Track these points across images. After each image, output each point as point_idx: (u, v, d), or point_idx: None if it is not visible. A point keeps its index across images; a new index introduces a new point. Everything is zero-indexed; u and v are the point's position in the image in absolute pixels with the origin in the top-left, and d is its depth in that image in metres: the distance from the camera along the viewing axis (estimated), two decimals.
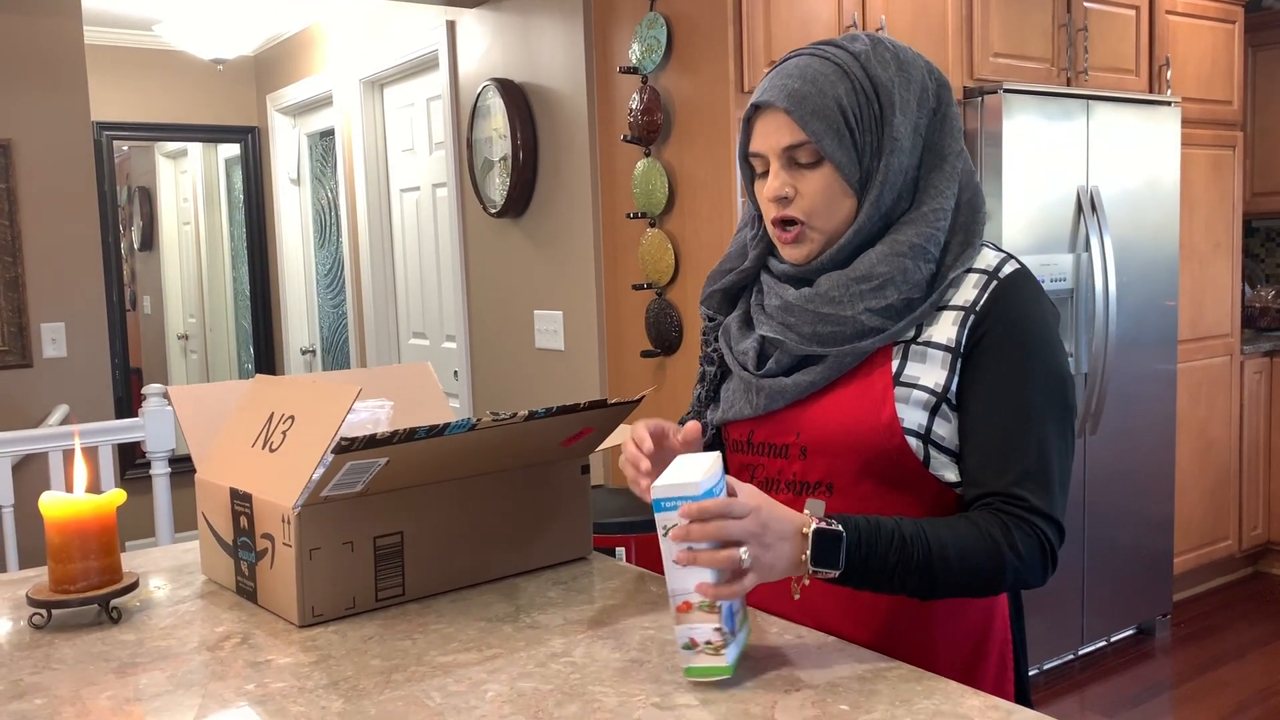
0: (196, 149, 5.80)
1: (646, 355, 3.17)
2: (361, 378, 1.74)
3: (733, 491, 1.08)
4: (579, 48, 3.32)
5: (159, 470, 3.19)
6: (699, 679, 1.09)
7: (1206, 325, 4.12)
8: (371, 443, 1.23)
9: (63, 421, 3.95)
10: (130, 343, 5.45)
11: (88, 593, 1.34)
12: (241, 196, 5.67)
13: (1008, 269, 1.24)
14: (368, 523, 1.35)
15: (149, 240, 5.82)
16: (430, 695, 1.10)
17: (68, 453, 3.03)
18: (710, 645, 1.07)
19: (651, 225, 3.14)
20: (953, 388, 1.21)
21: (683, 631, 1.08)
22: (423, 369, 1.80)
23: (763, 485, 1.30)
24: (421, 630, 1.30)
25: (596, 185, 3.34)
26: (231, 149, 5.69)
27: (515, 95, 3.56)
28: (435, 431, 1.27)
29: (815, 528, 1.08)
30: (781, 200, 1.24)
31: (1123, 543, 3.62)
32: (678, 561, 1.05)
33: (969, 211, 1.26)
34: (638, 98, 3.07)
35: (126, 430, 3.17)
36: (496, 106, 3.61)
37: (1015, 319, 1.21)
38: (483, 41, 3.78)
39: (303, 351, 5.55)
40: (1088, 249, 3.39)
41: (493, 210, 3.72)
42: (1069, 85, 3.58)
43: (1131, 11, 3.80)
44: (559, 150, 3.46)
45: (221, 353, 5.98)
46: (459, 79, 3.94)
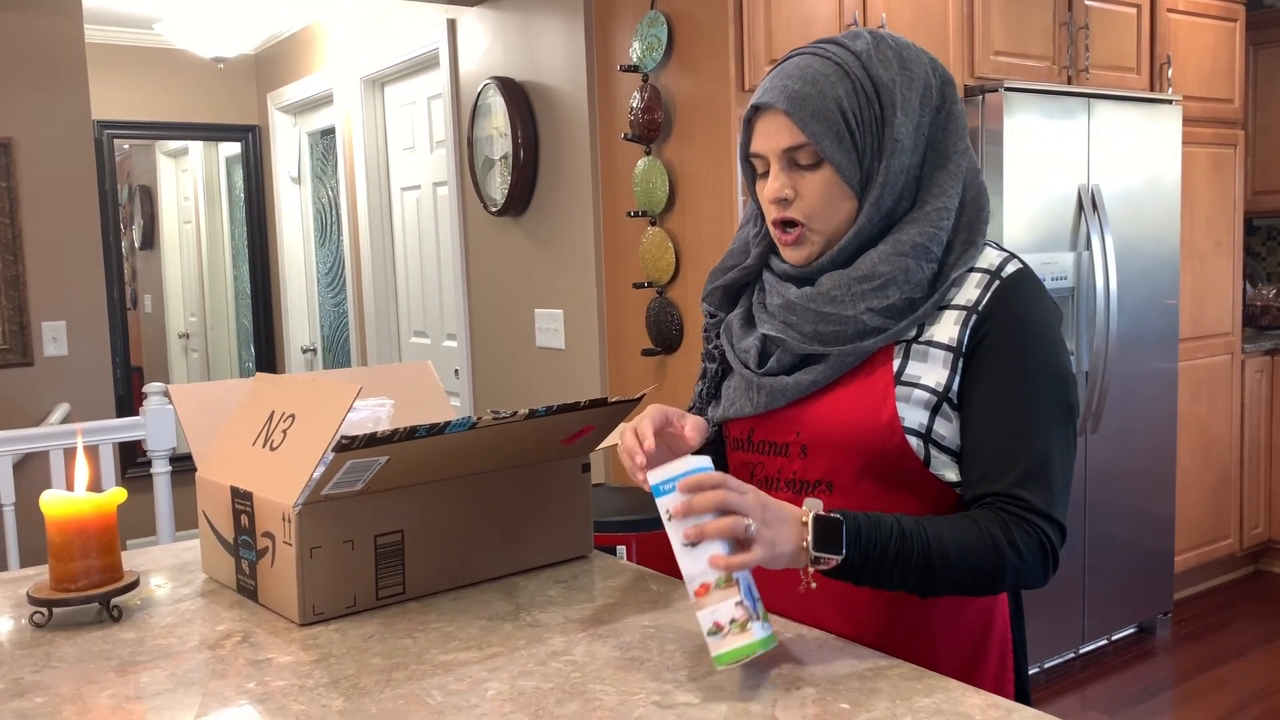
0: (197, 147, 5.80)
1: (647, 354, 3.17)
2: (362, 376, 1.74)
3: None
4: (580, 46, 3.32)
5: (160, 469, 3.19)
6: (732, 663, 1.06)
7: (1207, 324, 4.12)
8: (372, 441, 1.23)
9: (63, 420, 3.95)
10: (131, 341, 5.45)
11: (88, 591, 1.34)
12: (242, 195, 5.67)
13: (1010, 268, 1.23)
14: (368, 521, 1.35)
15: (150, 239, 5.82)
16: (431, 694, 1.10)
17: (69, 451, 3.03)
18: (735, 623, 1.06)
19: (652, 224, 3.14)
20: (954, 387, 1.21)
21: (705, 617, 1.07)
22: (423, 368, 1.80)
23: (762, 483, 1.30)
24: (422, 629, 1.30)
25: (597, 184, 3.34)
26: (232, 147, 5.69)
27: (516, 94, 3.56)
28: (436, 430, 1.27)
29: (815, 514, 1.10)
30: (781, 202, 1.24)
31: (1123, 541, 3.62)
32: (686, 537, 1.07)
33: (973, 210, 1.25)
34: (638, 96, 3.07)
35: (127, 429, 3.17)
36: (497, 105, 3.60)
37: (1018, 319, 1.20)
38: (483, 40, 3.78)
39: (303, 350, 5.55)
40: (1089, 247, 3.39)
41: (493, 209, 3.72)
42: (1070, 83, 3.57)
43: (1132, 10, 3.80)
44: (560, 149, 3.46)
45: (222, 351, 5.98)
46: (460, 77, 3.94)
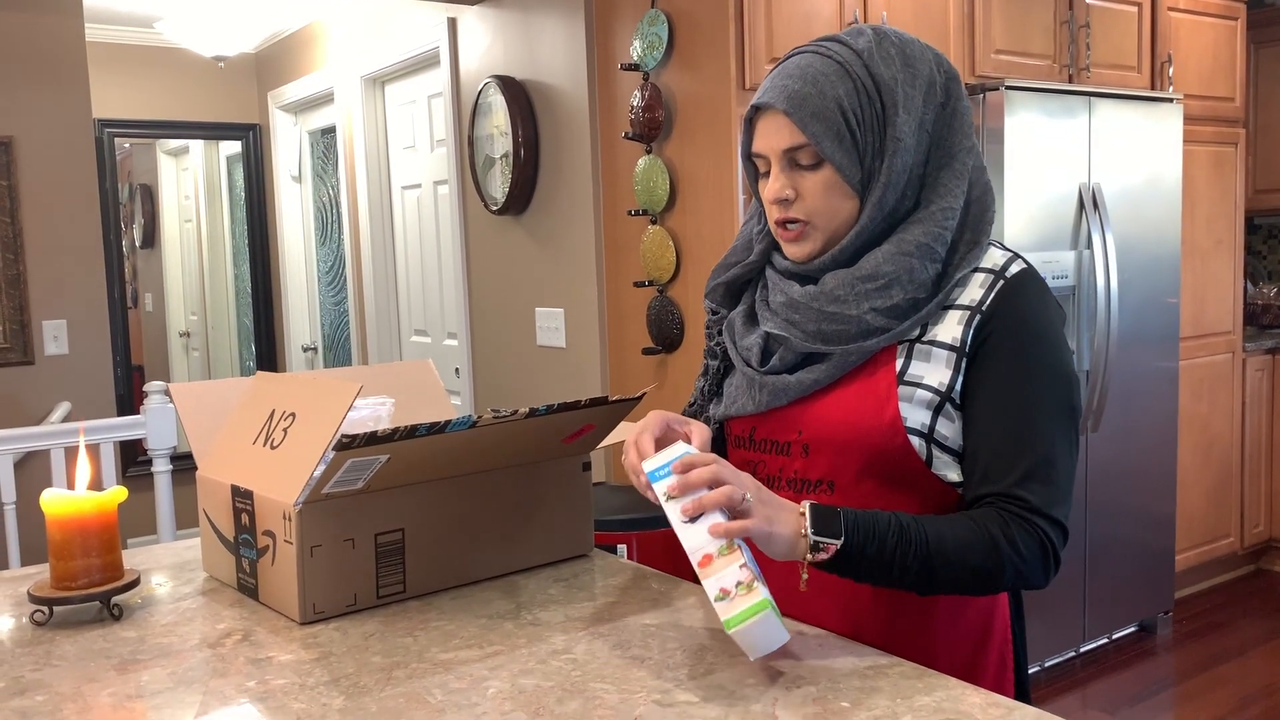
0: (198, 146, 5.80)
1: (648, 352, 3.17)
2: (363, 375, 1.74)
3: None
4: (580, 45, 3.32)
5: (160, 468, 3.19)
6: (741, 625, 1.05)
7: (1208, 322, 4.12)
8: (372, 440, 1.23)
9: (64, 419, 3.96)
10: (132, 340, 5.46)
11: (89, 590, 1.34)
12: (243, 194, 5.67)
13: (1014, 268, 1.23)
14: (369, 520, 1.35)
15: (150, 237, 5.82)
16: (431, 692, 1.10)
17: (69, 450, 3.03)
18: (741, 585, 1.06)
19: (653, 222, 3.14)
20: (957, 387, 1.21)
21: (711, 585, 1.07)
22: (424, 366, 1.80)
23: (764, 482, 1.29)
24: (423, 627, 1.30)
25: (598, 182, 3.34)
26: (233, 146, 5.69)
27: (516, 92, 3.56)
28: (436, 429, 1.26)
29: (811, 504, 1.13)
30: (783, 203, 1.24)
31: (1124, 540, 3.62)
32: (685, 512, 1.09)
33: (978, 209, 1.25)
34: (639, 95, 3.07)
35: (128, 428, 3.18)
36: (498, 103, 3.60)
37: (1021, 319, 1.20)
38: (484, 38, 3.78)
39: (304, 349, 5.55)
40: (1089, 246, 3.39)
41: (494, 207, 3.72)
42: (1071, 82, 3.57)
43: (1133, 8, 3.80)
44: (560, 147, 3.46)
45: (223, 350, 5.98)
46: (460, 76, 3.94)
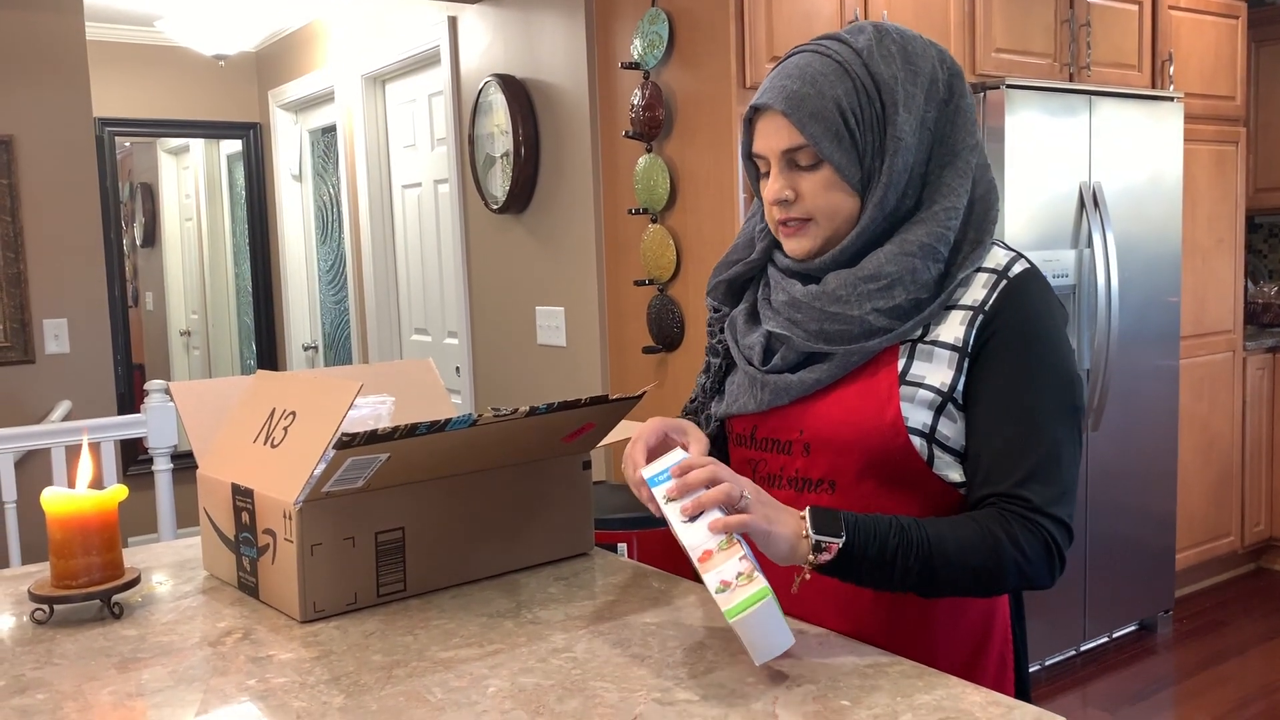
0: (198, 145, 5.80)
1: (648, 351, 3.17)
2: (363, 374, 1.74)
3: None
4: (580, 43, 3.32)
5: (161, 466, 3.19)
6: (742, 613, 1.05)
7: (1209, 321, 4.11)
8: (373, 438, 1.23)
9: (65, 418, 3.96)
10: (132, 339, 5.46)
11: (90, 588, 1.34)
12: (243, 192, 5.67)
13: (1017, 268, 1.23)
14: (369, 518, 1.35)
15: (151, 236, 5.82)
16: (431, 690, 1.11)
17: (70, 448, 3.03)
18: (742, 575, 1.07)
19: (653, 221, 3.14)
20: (959, 387, 1.20)
21: (711, 578, 1.08)
22: (424, 365, 1.80)
23: (764, 481, 1.30)
24: (423, 626, 1.30)
25: (598, 181, 3.34)
26: (233, 145, 5.69)
27: (517, 91, 3.56)
28: (437, 427, 1.26)
29: (811, 506, 1.13)
30: (783, 203, 1.24)
31: (1125, 539, 3.62)
32: (684, 512, 1.11)
33: (982, 208, 1.24)
34: (639, 93, 3.07)
35: (129, 426, 3.18)
36: (498, 102, 3.60)
37: (1024, 319, 1.20)
38: (484, 37, 3.78)
39: (305, 347, 5.55)
40: (1090, 245, 3.38)
41: (494, 206, 3.72)
42: (1071, 81, 3.57)
43: (1134, 7, 3.79)
44: (561, 146, 3.46)
45: (223, 349, 5.98)
46: (461, 75, 3.94)
